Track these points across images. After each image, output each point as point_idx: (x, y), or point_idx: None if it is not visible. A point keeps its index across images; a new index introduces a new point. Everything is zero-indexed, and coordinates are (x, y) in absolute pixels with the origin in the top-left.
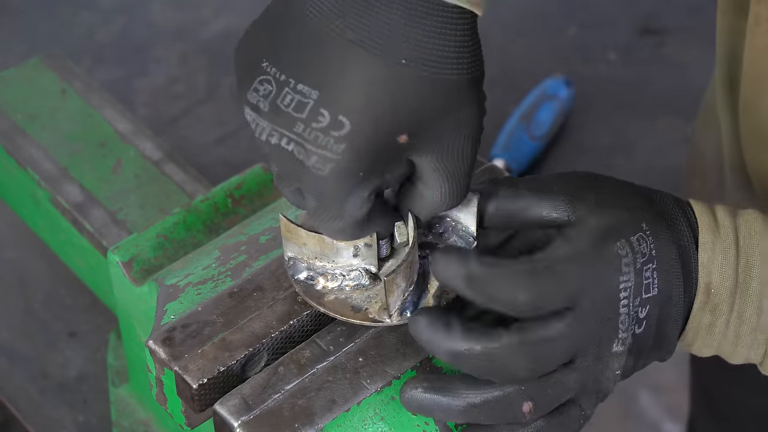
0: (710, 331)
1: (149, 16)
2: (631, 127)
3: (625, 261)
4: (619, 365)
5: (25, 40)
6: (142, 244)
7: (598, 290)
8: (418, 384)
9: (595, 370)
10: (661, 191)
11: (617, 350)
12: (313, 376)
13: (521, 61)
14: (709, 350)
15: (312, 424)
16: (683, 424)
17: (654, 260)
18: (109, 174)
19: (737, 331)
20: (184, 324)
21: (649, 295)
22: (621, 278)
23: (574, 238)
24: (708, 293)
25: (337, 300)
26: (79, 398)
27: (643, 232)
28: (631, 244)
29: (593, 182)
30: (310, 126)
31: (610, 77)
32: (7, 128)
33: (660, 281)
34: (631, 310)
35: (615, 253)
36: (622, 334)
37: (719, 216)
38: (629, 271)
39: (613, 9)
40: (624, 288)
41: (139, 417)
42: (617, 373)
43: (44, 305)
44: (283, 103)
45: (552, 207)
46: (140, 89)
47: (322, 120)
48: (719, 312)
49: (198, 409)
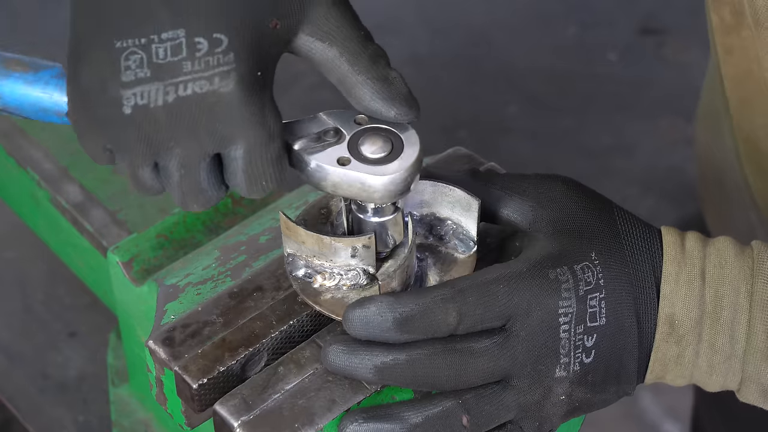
0: (679, 362)
1: None
2: (631, 127)
3: (564, 287)
4: (564, 391)
5: (25, 40)
6: (142, 244)
7: (531, 312)
8: (356, 416)
9: (536, 394)
10: (632, 216)
11: (559, 375)
12: (313, 376)
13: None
14: (683, 381)
15: (312, 424)
16: (683, 424)
17: (602, 290)
18: (109, 174)
19: (710, 361)
20: (184, 324)
21: (596, 324)
22: (560, 303)
23: (511, 264)
24: (671, 324)
25: (333, 299)
26: (79, 398)
27: (591, 262)
28: (574, 272)
29: (564, 193)
30: (195, 58)
31: (610, 77)
32: (7, 128)
33: (608, 311)
34: (572, 336)
35: (554, 278)
36: (563, 359)
37: (688, 246)
38: (570, 296)
39: (613, 9)
40: (564, 313)
41: (139, 417)
42: (562, 398)
43: (44, 305)
44: (159, 58)
45: (517, 210)
46: None
47: (201, 46)
48: (685, 342)
49: (198, 409)
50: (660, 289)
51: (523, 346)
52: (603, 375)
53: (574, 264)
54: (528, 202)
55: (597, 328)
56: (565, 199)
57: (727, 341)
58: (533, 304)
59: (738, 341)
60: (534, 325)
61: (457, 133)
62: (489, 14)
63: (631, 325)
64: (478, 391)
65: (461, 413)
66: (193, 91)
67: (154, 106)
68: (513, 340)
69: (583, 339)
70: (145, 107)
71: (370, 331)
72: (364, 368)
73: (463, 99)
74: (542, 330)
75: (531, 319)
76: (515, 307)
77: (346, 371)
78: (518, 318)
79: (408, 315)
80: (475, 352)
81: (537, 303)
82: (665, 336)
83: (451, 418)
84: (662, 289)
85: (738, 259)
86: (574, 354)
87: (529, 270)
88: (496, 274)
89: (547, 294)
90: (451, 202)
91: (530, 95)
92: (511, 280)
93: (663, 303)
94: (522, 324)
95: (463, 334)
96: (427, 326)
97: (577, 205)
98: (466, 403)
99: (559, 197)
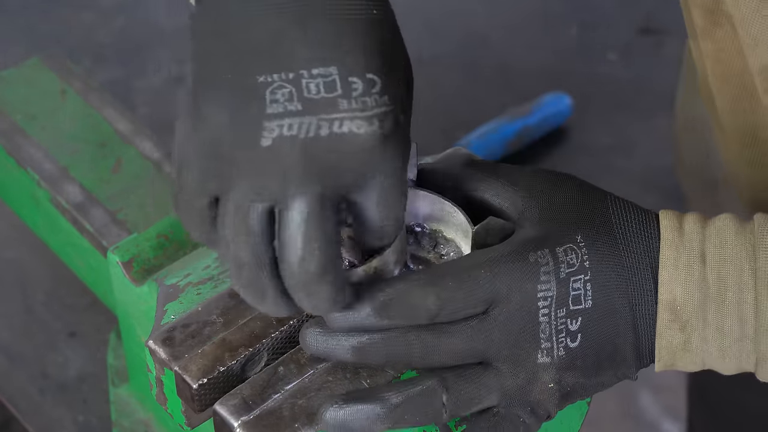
0: (687, 349)
1: (149, 16)
2: (631, 127)
3: (544, 270)
4: (551, 378)
5: (25, 40)
6: (142, 244)
7: (511, 297)
8: (335, 401)
9: (519, 378)
10: (628, 203)
11: (543, 361)
12: (313, 376)
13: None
14: (695, 367)
15: (312, 424)
16: (682, 423)
17: (587, 271)
18: (109, 174)
19: (720, 345)
20: (184, 324)
21: (580, 307)
22: (539, 287)
23: (492, 248)
24: (673, 310)
25: None
26: (79, 398)
27: (576, 244)
28: (555, 254)
29: (553, 184)
30: (352, 97)
31: (610, 77)
32: (7, 128)
33: (595, 293)
34: (553, 320)
35: (533, 261)
36: (545, 344)
37: (687, 228)
38: (548, 280)
39: (613, 9)
40: (543, 297)
41: (139, 417)
42: (551, 386)
43: (44, 305)
44: (311, 93)
45: (507, 199)
46: (140, 89)
47: (357, 86)
48: (690, 328)
49: (198, 409)
50: (658, 275)
51: (499, 329)
52: (594, 359)
53: (557, 246)
54: (519, 191)
55: (582, 311)
56: (556, 189)
57: (735, 323)
58: (513, 289)
59: (747, 322)
60: (512, 309)
61: (457, 133)
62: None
63: (622, 306)
64: (457, 371)
65: (442, 392)
66: (350, 130)
67: (304, 137)
68: (489, 323)
69: (566, 322)
70: (292, 138)
71: (351, 321)
72: (342, 348)
73: (463, 99)
74: (520, 314)
75: (510, 303)
76: (497, 291)
77: (324, 353)
78: (499, 303)
79: (386, 300)
80: (449, 331)
81: (517, 287)
82: (668, 323)
83: (432, 396)
84: (660, 275)
85: (739, 237)
86: (557, 338)
87: (510, 254)
88: (478, 259)
89: (526, 277)
90: (455, 224)
91: (530, 95)
92: (492, 264)
93: (662, 289)
94: (501, 308)
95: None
96: (406, 311)
97: (567, 194)
98: (445, 381)
99: (550, 188)
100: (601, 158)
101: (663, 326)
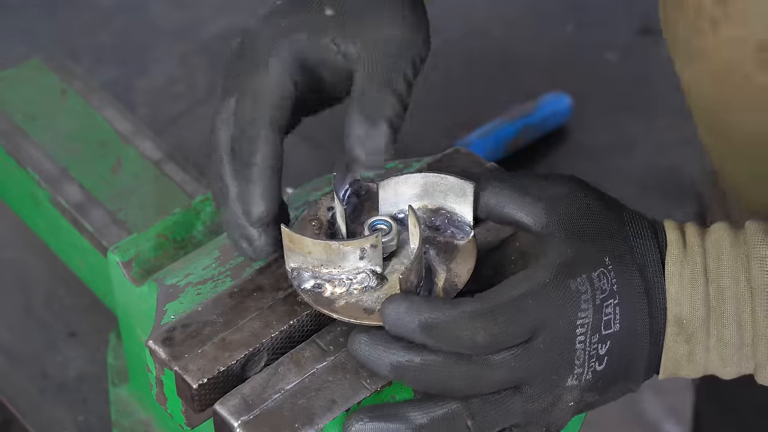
0: (691, 359)
1: (149, 16)
2: (631, 127)
3: (584, 297)
4: (573, 398)
5: (25, 40)
6: (142, 244)
7: (554, 326)
8: (362, 415)
9: (545, 401)
10: (640, 216)
11: (571, 384)
12: (313, 376)
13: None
14: (697, 374)
15: (312, 424)
16: (685, 424)
17: (615, 295)
18: (109, 174)
19: (721, 354)
20: (184, 324)
21: (610, 331)
22: (579, 314)
23: (533, 274)
24: (680, 324)
25: (348, 305)
26: (79, 398)
27: (605, 267)
28: (592, 280)
29: (576, 194)
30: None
31: (609, 77)
32: (7, 128)
33: (622, 317)
34: (587, 346)
35: (575, 289)
36: (577, 370)
37: (689, 239)
38: (588, 307)
39: (612, 8)
40: (581, 324)
41: (139, 417)
42: (570, 404)
43: (44, 305)
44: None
45: (530, 213)
46: (140, 89)
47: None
48: (695, 340)
49: (198, 409)
50: (666, 290)
51: (540, 358)
52: (612, 378)
53: (592, 272)
54: (540, 203)
55: (611, 335)
56: (577, 200)
57: (735, 332)
58: (557, 318)
59: (746, 329)
60: (554, 337)
61: (457, 133)
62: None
63: (643, 327)
64: (485, 396)
65: (466, 417)
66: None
67: None
68: (531, 353)
69: (597, 347)
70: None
71: (398, 329)
72: (381, 363)
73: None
74: (560, 342)
75: (553, 332)
76: (542, 321)
77: (364, 360)
78: (542, 332)
79: (433, 322)
80: (491, 363)
81: (560, 316)
82: (674, 336)
83: (456, 420)
84: (668, 290)
85: (733, 248)
86: (588, 364)
87: (552, 281)
88: (524, 288)
89: (569, 306)
90: (443, 190)
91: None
92: (538, 294)
93: (670, 304)
94: (543, 337)
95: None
96: (451, 338)
97: (588, 207)
98: (471, 406)
99: (571, 199)
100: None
101: (670, 340)
